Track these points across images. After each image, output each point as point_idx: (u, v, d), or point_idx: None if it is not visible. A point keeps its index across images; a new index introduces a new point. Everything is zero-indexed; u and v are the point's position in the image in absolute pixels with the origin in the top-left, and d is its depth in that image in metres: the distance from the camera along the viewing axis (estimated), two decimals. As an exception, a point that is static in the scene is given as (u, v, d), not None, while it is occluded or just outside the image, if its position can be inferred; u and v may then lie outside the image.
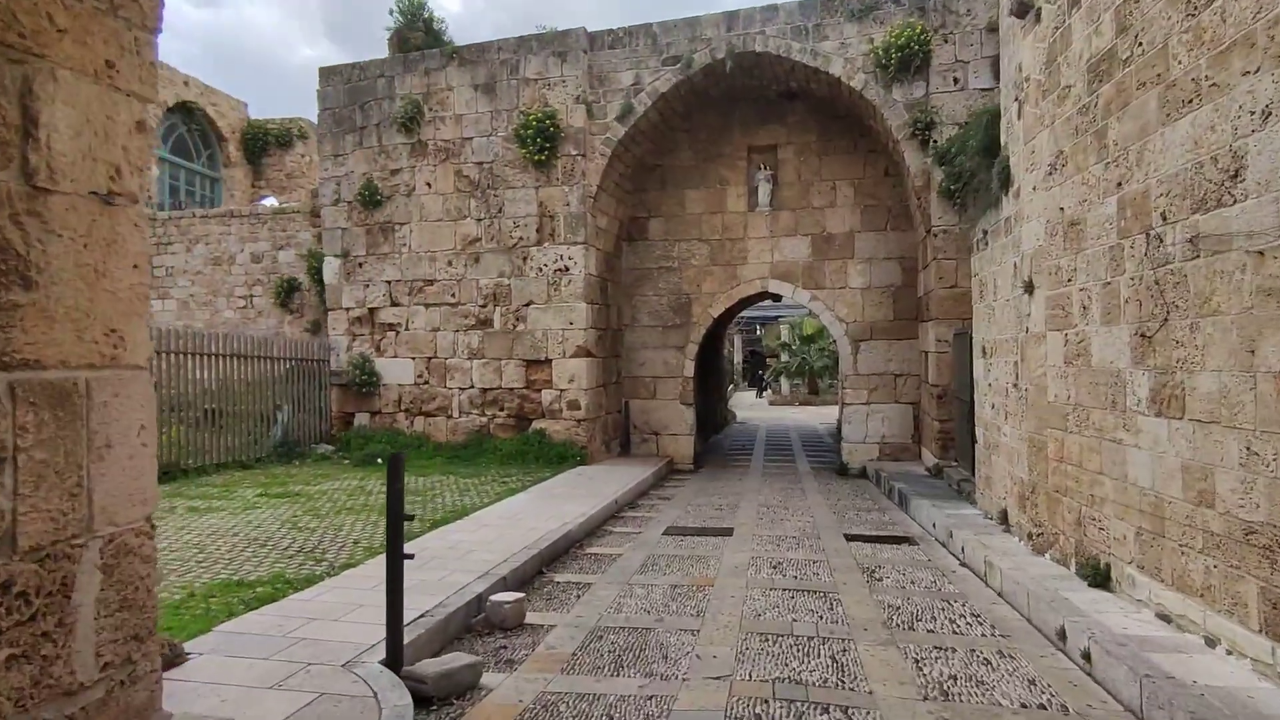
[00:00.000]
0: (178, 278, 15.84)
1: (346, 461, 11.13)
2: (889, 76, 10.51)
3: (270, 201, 18.13)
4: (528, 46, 11.76)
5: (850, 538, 7.08)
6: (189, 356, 10.52)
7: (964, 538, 6.13)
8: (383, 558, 5.46)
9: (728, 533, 7.33)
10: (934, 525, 7.10)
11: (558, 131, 11.40)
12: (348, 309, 12.64)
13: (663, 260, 12.80)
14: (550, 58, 11.63)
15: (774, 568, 5.97)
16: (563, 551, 6.41)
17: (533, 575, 5.63)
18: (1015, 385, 5.98)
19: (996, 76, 9.56)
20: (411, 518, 3.46)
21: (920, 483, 9.17)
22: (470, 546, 5.90)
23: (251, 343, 11.66)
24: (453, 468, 10.55)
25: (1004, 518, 6.28)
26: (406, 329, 12.31)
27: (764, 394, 34.05)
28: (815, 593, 5.24)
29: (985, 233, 7.02)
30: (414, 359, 12.29)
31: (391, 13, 13.92)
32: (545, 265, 11.57)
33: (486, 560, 5.45)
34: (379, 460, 11.07)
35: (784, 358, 31.20)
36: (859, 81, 10.65)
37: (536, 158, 11.44)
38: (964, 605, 4.95)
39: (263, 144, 20.70)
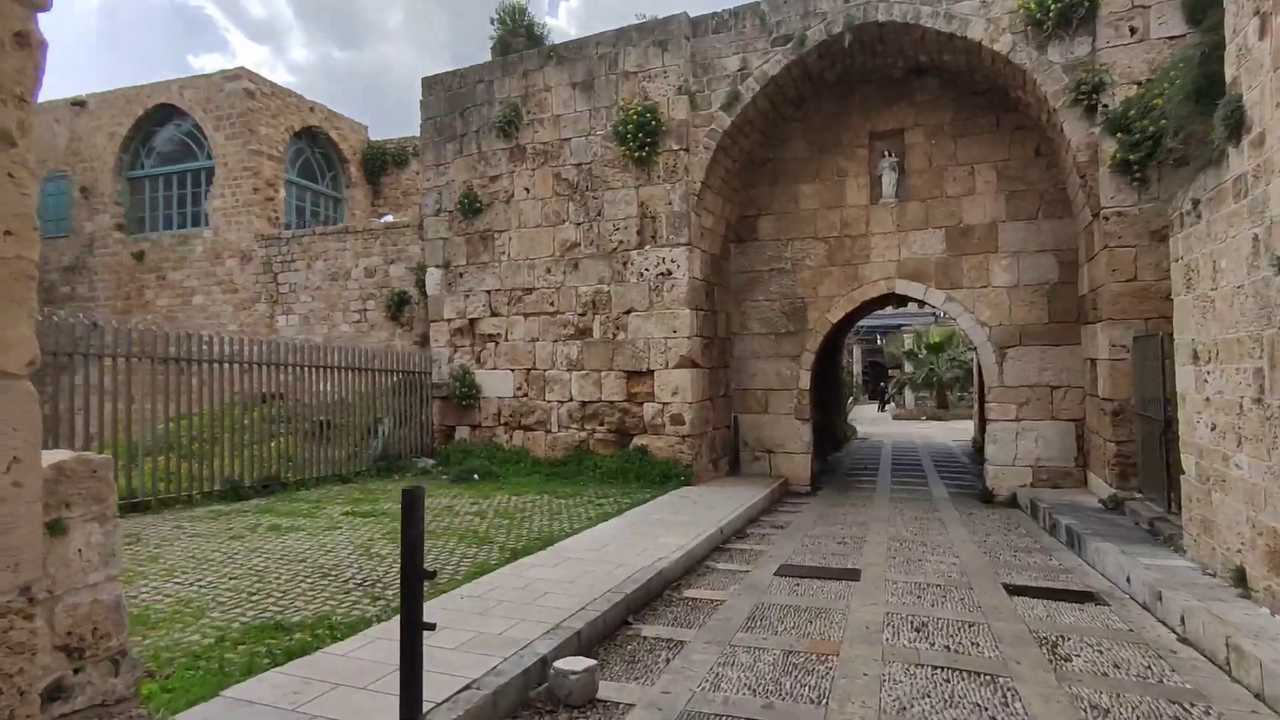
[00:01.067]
0: (300, 293, 16.42)
1: (445, 477, 10.78)
2: (1043, 35, 8.92)
3: (387, 218, 18.58)
4: (627, 38, 11.07)
5: (1012, 590, 5.67)
6: (307, 369, 10.69)
7: (1182, 604, 4.62)
8: (442, 599, 4.77)
9: (853, 575, 6.12)
10: (1128, 579, 5.56)
11: (658, 125, 10.59)
12: (449, 320, 12.41)
13: (774, 262, 11.66)
14: (650, 48, 10.87)
15: (916, 630, 4.73)
16: (655, 594, 5.46)
17: (615, 626, 4.71)
18: (1258, 400, 4.44)
19: (1191, 19, 7.81)
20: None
21: (1095, 519, 7.51)
22: (546, 586, 5.08)
23: (361, 355, 11.69)
24: (550, 486, 9.92)
25: (1240, 578, 4.70)
26: (506, 339, 11.89)
27: (886, 407, 31.90)
28: (979, 675, 3.97)
29: (1195, 203, 5.45)
30: (513, 370, 11.84)
31: (493, 21, 13.77)
32: (646, 270, 10.77)
33: (561, 607, 4.60)
34: (475, 477, 10.66)
35: (908, 368, 29.08)
36: (1004, 44, 9.12)
37: (636, 155, 10.69)
38: (1206, 712, 3.54)
39: (381, 163, 21.38)
